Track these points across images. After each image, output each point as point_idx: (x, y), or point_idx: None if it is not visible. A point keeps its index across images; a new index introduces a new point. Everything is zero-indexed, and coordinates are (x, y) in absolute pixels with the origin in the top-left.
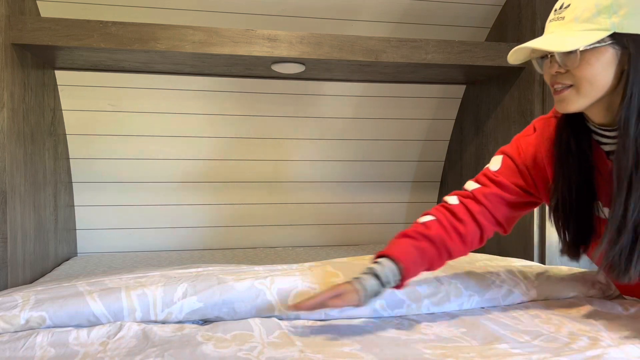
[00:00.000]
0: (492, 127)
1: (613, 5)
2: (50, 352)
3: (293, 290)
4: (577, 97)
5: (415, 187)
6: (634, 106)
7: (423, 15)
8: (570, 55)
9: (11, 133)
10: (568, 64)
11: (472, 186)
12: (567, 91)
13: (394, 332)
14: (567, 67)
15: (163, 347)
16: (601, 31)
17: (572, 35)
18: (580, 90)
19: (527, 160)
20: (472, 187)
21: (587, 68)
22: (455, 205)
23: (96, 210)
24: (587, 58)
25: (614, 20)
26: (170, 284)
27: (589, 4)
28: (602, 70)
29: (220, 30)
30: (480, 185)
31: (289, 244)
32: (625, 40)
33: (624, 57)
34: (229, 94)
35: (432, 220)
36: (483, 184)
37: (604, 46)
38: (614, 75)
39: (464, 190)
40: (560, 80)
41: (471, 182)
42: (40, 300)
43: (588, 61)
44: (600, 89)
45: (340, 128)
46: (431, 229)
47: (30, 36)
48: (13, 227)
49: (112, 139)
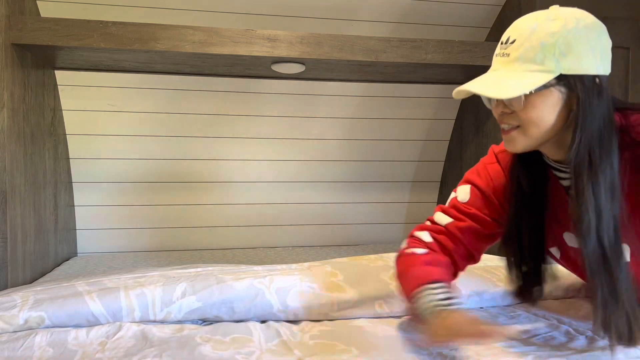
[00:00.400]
0: (492, 127)
1: (559, 44)
2: (49, 352)
3: (292, 289)
4: (524, 138)
5: (415, 187)
6: (582, 153)
7: (423, 15)
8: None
9: (11, 133)
10: (514, 104)
11: (445, 220)
12: (514, 132)
13: (393, 332)
14: (513, 108)
15: (161, 348)
16: (546, 73)
17: (516, 77)
18: (527, 131)
19: (498, 190)
20: (446, 222)
21: (533, 111)
22: (430, 243)
23: (96, 210)
24: (532, 101)
25: (559, 61)
26: (169, 283)
27: (533, 43)
28: (548, 112)
29: (220, 30)
30: (453, 220)
31: (289, 244)
32: (571, 81)
33: (572, 97)
34: (229, 94)
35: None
36: (456, 217)
37: (549, 88)
38: (561, 116)
39: (434, 225)
40: (506, 120)
41: (441, 214)
42: (39, 300)
43: (533, 104)
44: (548, 131)
45: (340, 128)
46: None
47: (30, 36)
48: (13, 227)
49: (112, 139)
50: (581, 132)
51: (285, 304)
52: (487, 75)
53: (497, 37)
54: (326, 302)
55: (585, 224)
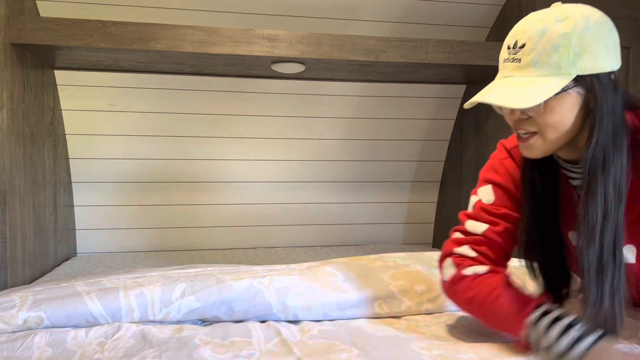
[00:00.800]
0: (492, 127)
1: (573, 45)
2: (48, 352)
3: (292, 289)
4: (543, 143)
5: (415, 187)
6: (598, 154)
7: (423, 15)
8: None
9: (10, 133)
10: (530, 112)
11: (480, 228)
12: (532, 139)
13: (392, 332)
14: (530, 114)
15: (160, 349)
16: (563, 76)
17: (533, 83)
18: (546, 137)
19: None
20: (482, 229)
21: (551, 115)
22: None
23: (96, 210)
24: (550, 106)
25: (575, 63)
26: (169, 283)
27: (545, 46)
28: (567, 115)
29: (220, 30)
30: (489, 225)
31: (289, 244)
32: (588, 81)
33: (589, 97)
34: (229, 94)
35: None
36: (490, 222)
37: (567, 91)
38: (579, 117)
39: (469, 235)
40: (523, 127)
41: (473, 222)
42: (38, 301)
43: (552, 109)
44: (566, 133)
45: (340, 128)
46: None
47: (29, 36)
48: (13, 227)
49: (112, 139)
50: (598, 132)
51: (285, 304)
52: (499, 83)
53: (497, 37)
54: (326, 302)
55: (591, 224)
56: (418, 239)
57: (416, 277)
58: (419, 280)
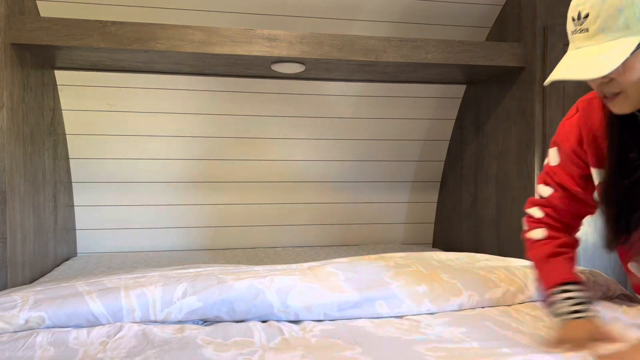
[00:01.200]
0: (492, 127)
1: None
2: (50, 351)
3: (292, 289)
4: (628, 102)
5: (415, 187)
6: None
7: (423, 15)
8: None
9: (11, 133)
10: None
11: (546, 191)
12: (616, 99)
13: (395, 332)
14: (611, 76)
15: (162, 349)
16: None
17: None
18: (630, 95)
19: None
20: (547, 193)
21: (632, 73)
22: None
23: (96, 210)
24: (629, 65)
25: None
26: (170, 283)
27: (610, 11)
28: None
29: (220, 30)
30: (552, 190)
31: (289, 244)
32: None
33: None
34: (229, 94)
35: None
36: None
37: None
38: None
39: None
40: (606, 90)
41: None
42: (39, 301)
43: (631, 67)
44: None
45: (340, 128)
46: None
47: (29, 36)
48: (13, 227)
49: (112, 139)
50: None
51: (286, 304)
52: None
53: (497, 37)
54: (327, 302)
55: None
56: (418, 239)
57: (417, 277)
58: (419, 280)
